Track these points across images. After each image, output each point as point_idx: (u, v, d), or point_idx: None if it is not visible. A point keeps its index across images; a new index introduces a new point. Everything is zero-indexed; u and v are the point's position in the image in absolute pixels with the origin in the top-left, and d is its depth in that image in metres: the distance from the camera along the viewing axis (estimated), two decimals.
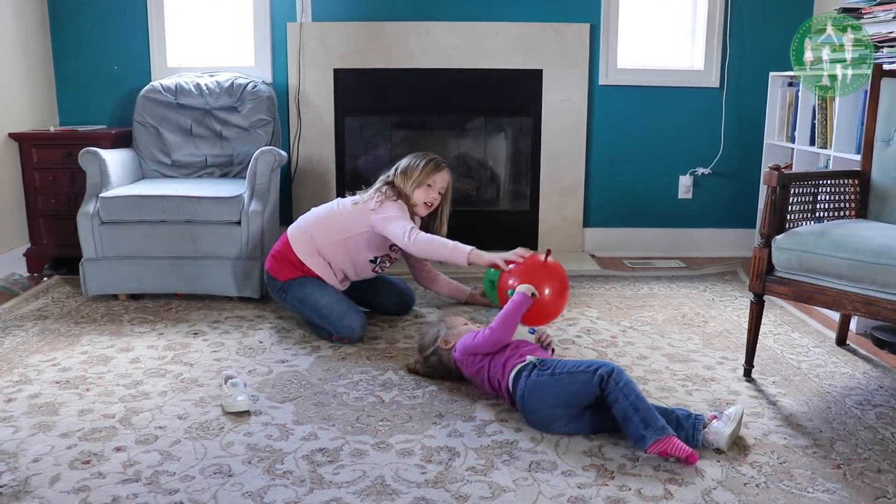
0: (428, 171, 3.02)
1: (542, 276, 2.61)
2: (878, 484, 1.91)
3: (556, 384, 2.12)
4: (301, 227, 3.04)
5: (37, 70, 4.05)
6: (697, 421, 2.07)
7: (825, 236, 2.37)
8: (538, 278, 2.58)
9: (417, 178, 3.01)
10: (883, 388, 2.50)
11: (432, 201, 3.06)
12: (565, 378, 2.11)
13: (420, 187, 3.01)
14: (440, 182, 3.06)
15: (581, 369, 2.11)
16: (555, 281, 2.64)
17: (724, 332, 3.05)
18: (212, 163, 3.87)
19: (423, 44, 4.14)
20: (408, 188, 3.02)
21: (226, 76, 3.97)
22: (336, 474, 1.93)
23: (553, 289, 2.61)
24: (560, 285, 2.65)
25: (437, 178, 3.04)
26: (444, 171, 3.07)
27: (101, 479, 1.89)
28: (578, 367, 2.12)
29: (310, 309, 2.93)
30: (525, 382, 2.16)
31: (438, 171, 3.05)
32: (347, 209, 3.02)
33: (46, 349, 2.80)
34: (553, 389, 2.11)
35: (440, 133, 4.49)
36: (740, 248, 4.34)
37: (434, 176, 3.03)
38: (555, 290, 2.62)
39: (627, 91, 4.29)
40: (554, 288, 2.62)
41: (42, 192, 3.82)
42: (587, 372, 2.08)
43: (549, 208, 4.37)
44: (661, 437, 1.96)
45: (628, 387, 2.03)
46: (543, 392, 2.13)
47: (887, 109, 2.72)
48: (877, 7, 3.18)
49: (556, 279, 2.64)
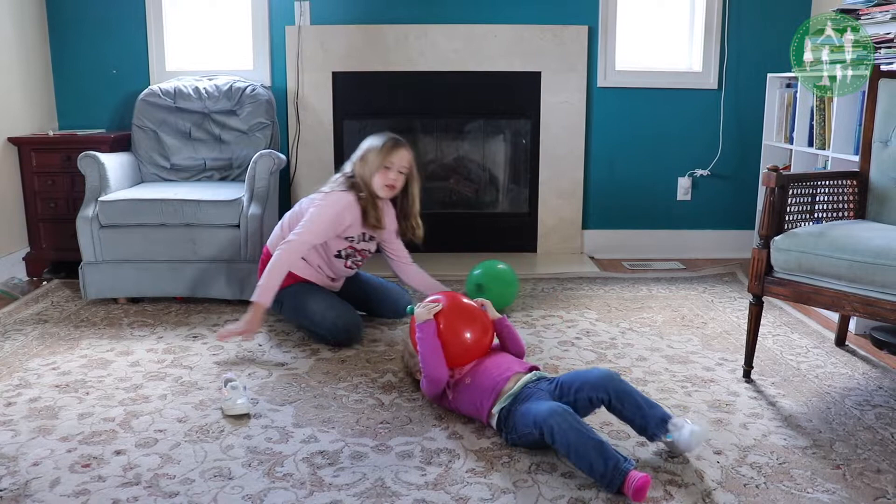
0: (385, 152, 2.91)
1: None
2: (877, 484, 1.91)
3: (527, 440, 2.03)
4: (277, 234, 3.04)
5: (36, 74, 4.05)
6: (654, 436, 2.01)
7: (824, 237, 2.37)
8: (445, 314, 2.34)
9: (374, 161, 2.91)
10: (882, 388, 2.51)
11: (392, 182, 2.94)
12: (527, 435, 2.01)
13: (378, 171, 2.91)
14: (398, 162, 2.93)
15: (530, 428, 1.99)
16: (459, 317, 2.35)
17: (724, 333, 3.05)
18: (211, 166, 3.87)
19: (421, 47, 4.15)
20: (367, 174, 2.92)
21: (224, 80, 3.97)
22: (336, 477, 1.93)
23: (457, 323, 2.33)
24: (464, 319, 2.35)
25: (395, 158, 2.92)
26: (401, 150, 2.94)
27: (101, 483, 1.89)
28: (528, 426, 2.00)
29: (304, 317, 2.93)
30: (508, 441, 2.09)
31: (395, 151, 2.92)
32: (304, 206, 2.99)
33: (46, 353, 2.80)
34: (529, 444, 2.04)
35: (439, 136, 4.49)
36: (739, 249, 4.34)
37: (391, 157, 2.91)
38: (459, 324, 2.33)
39: (626, 93, 4.30)
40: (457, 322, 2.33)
41: (41, 196, 3.82)
42: (534, 431, 1.98)
43: (548, 210, 4.38)
44: (620, 486, 1.80)
45: (561, 443, 1.89)
46: (527, 445, 2.05)
47: (885, 110, 2.72)
48: (874, 8, 3.18)
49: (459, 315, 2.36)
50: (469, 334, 2.32)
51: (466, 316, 2.36)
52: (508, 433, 2.09)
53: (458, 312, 2.36)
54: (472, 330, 2.33)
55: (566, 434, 1.88)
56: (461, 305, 2.40)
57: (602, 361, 2.74)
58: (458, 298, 2.43)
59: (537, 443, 2.01)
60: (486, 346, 2.36)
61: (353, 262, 3.06)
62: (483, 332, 2.35)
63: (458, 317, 2.34)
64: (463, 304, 2.40)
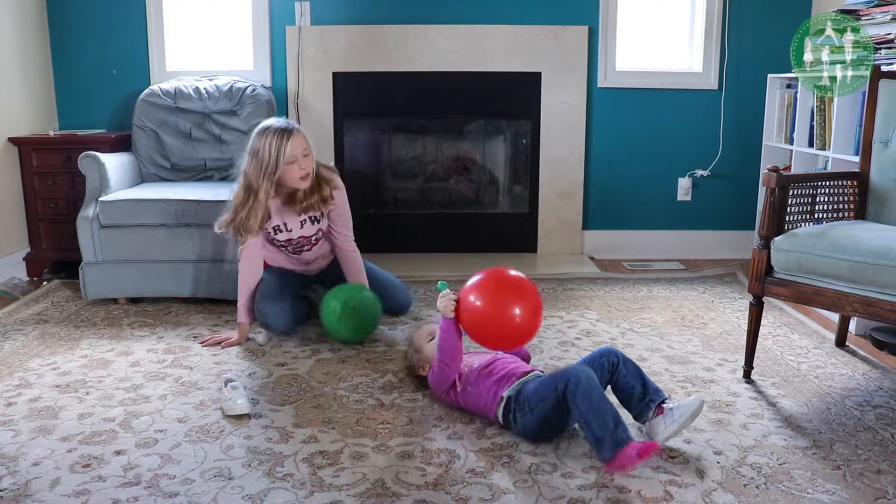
0: (280, 150, 2.75)
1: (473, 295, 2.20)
2: (877, 485, 1.91)
3: (537, 416, 2.07)
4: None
5: (36, 74, 4.05)
6: (651, 403, 2.07)
7: (824, 237, 2.37)
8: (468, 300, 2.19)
9: (274, 165, 2.76)
10: (882, 388, 2.51)
11: (305, 172, 2.83)
12: (541, 406, 2.05)
13: (286, 168, 2.78)
14: (298, 148, 2.79)
15: (548, 391, 2.03)
16: (488, 290, 2.20)
17: (724, 333, 3.05)
18: (211, 166, 3.87)
19: (422, 47, 4.15)
20: (267, 181, 2.80)
21: (225, 80, 3.98)
22: (336, 477, 1.93)
23: (486, 297, 2.18)
24: (493, 290, 2.20)
25: (292, 147, 2.77)
26: (295, 137, 2.79)
27: (101, 483, 1.89)
28: (546, 389, 2.04)
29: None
30: (515, 428, 2.13)
31: (289, 140, 2.77)
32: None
33: (46, 353, 2.80)
34: (539, 421, 2.07)
35: (439, 136, 4.49)
36: (739, 249, 4.34)
37: (290, 150, 2.76)
38: (488, 297, 2.18)
39: (626, 93, 4.30)
40: (486, 296, 2.18)
41: (42, 196, 3.83)
42: (553, 391, 2.01)
43: (549, 211, 4.38)
44: (615, 452, 1.84)
45: (582, 397, 1.93)
46: (533, 429, 2.09)
47: (886, 111, 2.72)
48: (875, 9, 3.18)
49: (488, 289, 2.20)
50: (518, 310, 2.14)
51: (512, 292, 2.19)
52: (516, 414, 2.10)
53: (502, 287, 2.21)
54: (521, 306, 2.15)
55: (590, 391, 1.94)
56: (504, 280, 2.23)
57: None
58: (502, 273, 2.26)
59: (547, 418, 2.04)
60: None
61: (296, 249, 3.06)
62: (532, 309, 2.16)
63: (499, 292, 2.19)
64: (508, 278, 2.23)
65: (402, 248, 4.30)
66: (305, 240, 3.07)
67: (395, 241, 4.33)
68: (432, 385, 2.36)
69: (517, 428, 2.12)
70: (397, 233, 4.37)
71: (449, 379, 2.28)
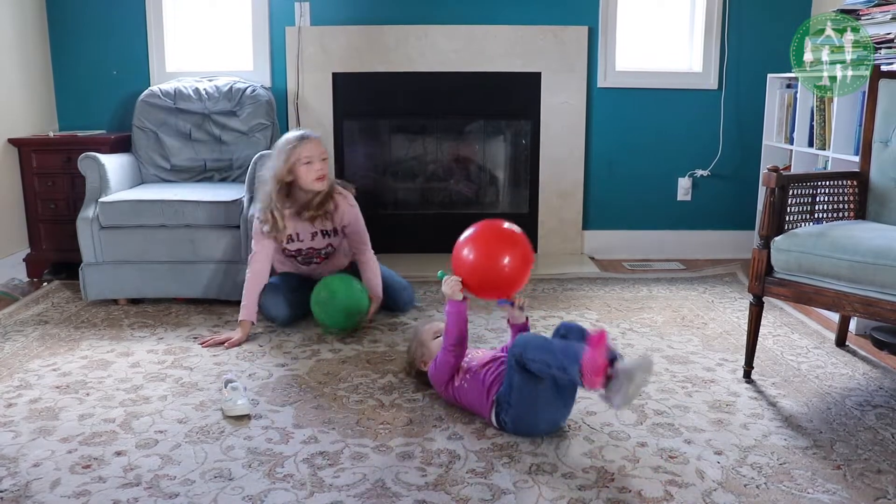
0: (298, 149, 2.96)
1: (465, 252, 2.28)
2: (878, 485, 1.91)
3: (520, 404, 2.09)
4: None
5: (36, 75, 4.05)
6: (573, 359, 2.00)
7: (824, 237, 2.37)
8: (461, 258, 2.28)
9: (291, 161, 2.96)
10: (882, 388, 2.51)
11: (320, 173, 2.99)
12: (516, 393, 2.08)
13: (301, 168, 2.96)
14: (314, 151, 2.98)
15: (511, 373, 2.09)
16: (484, 245, 2.28)
17: (724, 333, 3.05)
18: (211, 167, 3.87)
19: (422, 47, 4.15)
20: (289, 176, 2.98)
21: (225, 80, 3.98)
22: (336, 477, 1.93)
23: (486, 254, 2.26)
24: (493, 243, 2.28)
25: (309, 148, 2.97)
26: (311, 140, 3.00)
27: (101, 484, 1.89)
28: (510, 374, 2.10)
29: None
30: (508, 427, 2.14)
31: (306, 144, 2.98)
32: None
33: (46, 354, 2.80)
34: (525, 406, 2.09)
35: (439, 136, 4.49)
36: (739, 249, 4.34)
37: (306, 152, 2.96)
38: (490, 254, 2.26)
39: (626, 93, 4.30)
40: (486, 252, 2.26)
41: (42, 197, 3.83)
42: (514, 370, 2.07)
43: (549, 211, 4.38)
44: (580, 364, 1.91)
45: (530, 349, 2.03)
46: (525, 419, 2.10)
47: (885, 110, 2.72)
48: (874, 8, 3.18)
49: (484, 243, 2.29)
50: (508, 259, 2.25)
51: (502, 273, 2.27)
52: (504, 416, 2.12)
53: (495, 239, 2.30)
54: (505, 281, 2.28)
55: (531, 340, 2.07)
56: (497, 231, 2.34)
57: None
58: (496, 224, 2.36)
59: (528, 398, 2.06)
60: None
61: (304, 260, 3.20)
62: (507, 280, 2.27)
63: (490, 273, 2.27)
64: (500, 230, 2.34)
65: (402, 249, 4.29)
66: (315, 252, 3.18)
67: (396, 241, 4.32)
68: (432, 377, 2.36)
69: (510, 426, 2.13)
70: (397, 233, 4.37)
71: (451, 367, 2.29)
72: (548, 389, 2.08)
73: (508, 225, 2.36)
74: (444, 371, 2.31)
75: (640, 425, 2.23)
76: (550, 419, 2.14)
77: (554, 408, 2.13)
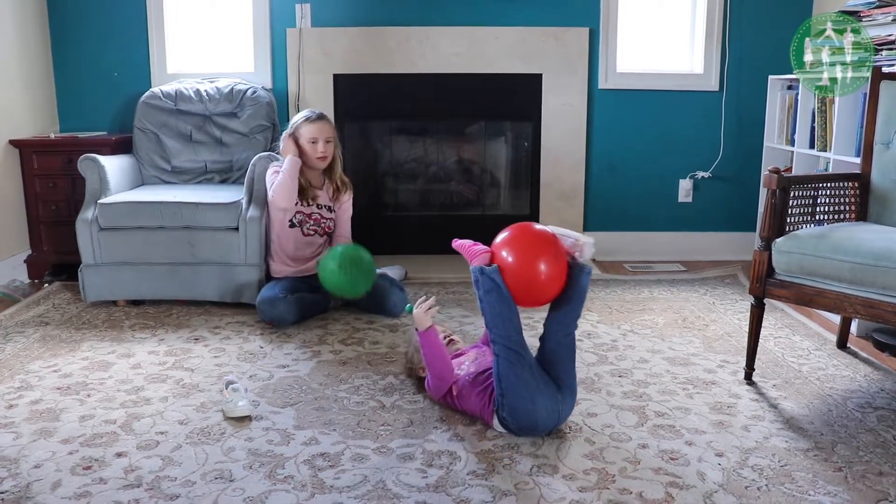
0: (299, 133, 3.29)
1: (534, 261, 2.25)
2: (879, 486, 1.90)
3: (513, 392, 2.10)
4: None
5: (37, 77, 4.05)
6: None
7: (825, 239, 2.37)
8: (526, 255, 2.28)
9: (294, 140, 3.29)
10: (884, 390, 2.50)
11: (323, 154, 3.29)
12: (505, 384, 2.10)
13: (307, 148, 3.28)
14: (319, 132, 3.27)
15: (495, 364, 2.14)
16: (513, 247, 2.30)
17: (725, 335, 3.05)
18: (212, 169, 3.87)
19: (423, 49, 4.15)
20: (291, 140, 3.30)
21: (225, 82, 3.98)
22: (337, 479, 1.93)
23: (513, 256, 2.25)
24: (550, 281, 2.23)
25: (316, 128, 3.27)
26: (320, 121, 3.30)
27: (102, 485, 1.89)
28: (495, 366, 2.15)
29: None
30: (511, 425, 2.14)
31: (314, 122, 3.28)
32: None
33: (47, 355, 2.80)
34: (520, 396, 2.09)
35: (441, 138, 4.49)
36: (740, 251, 4.34)
37: (312, 131, 3.26)
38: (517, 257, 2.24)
39: (627, 95, 4.30)
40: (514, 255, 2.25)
41: (43, 199, 3.83)
42: (497, 358, 2.12)
43: (550, 212, 4.37)
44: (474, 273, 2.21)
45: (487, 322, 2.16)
46: (523, 409, 2.10)
47: (887, 112, 2.72)
48: (876, 10, 3.19)
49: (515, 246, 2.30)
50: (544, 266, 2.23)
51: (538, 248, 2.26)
52: (500, 406, 2.13)
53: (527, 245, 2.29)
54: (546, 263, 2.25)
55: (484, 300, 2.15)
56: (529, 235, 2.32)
57: (603, 363, 2.74)
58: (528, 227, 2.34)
59: (518, 385, 2.08)
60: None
61: (307, 230, 3.35)
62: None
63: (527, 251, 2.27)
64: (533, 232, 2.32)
65: (402, 250, 4.29)
66: (315, 222, 3.36)
67: (396, 242, 4.32)
68: (430, 390, 2.37)
69: (512, 423, 2.12)
70: (398, 234, 4.37)
71: (446, 385, 2.30)
72: (527, 372, 2.09)
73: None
74: (440, 388, 2.32)
75: (640, 427, 2.23)
76: (549, 408, 2.11)
77: (545, 395, 2.11)
